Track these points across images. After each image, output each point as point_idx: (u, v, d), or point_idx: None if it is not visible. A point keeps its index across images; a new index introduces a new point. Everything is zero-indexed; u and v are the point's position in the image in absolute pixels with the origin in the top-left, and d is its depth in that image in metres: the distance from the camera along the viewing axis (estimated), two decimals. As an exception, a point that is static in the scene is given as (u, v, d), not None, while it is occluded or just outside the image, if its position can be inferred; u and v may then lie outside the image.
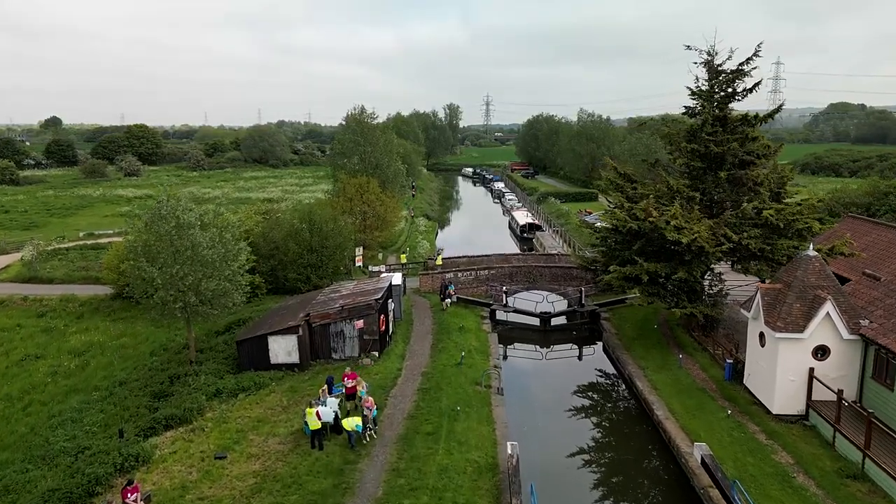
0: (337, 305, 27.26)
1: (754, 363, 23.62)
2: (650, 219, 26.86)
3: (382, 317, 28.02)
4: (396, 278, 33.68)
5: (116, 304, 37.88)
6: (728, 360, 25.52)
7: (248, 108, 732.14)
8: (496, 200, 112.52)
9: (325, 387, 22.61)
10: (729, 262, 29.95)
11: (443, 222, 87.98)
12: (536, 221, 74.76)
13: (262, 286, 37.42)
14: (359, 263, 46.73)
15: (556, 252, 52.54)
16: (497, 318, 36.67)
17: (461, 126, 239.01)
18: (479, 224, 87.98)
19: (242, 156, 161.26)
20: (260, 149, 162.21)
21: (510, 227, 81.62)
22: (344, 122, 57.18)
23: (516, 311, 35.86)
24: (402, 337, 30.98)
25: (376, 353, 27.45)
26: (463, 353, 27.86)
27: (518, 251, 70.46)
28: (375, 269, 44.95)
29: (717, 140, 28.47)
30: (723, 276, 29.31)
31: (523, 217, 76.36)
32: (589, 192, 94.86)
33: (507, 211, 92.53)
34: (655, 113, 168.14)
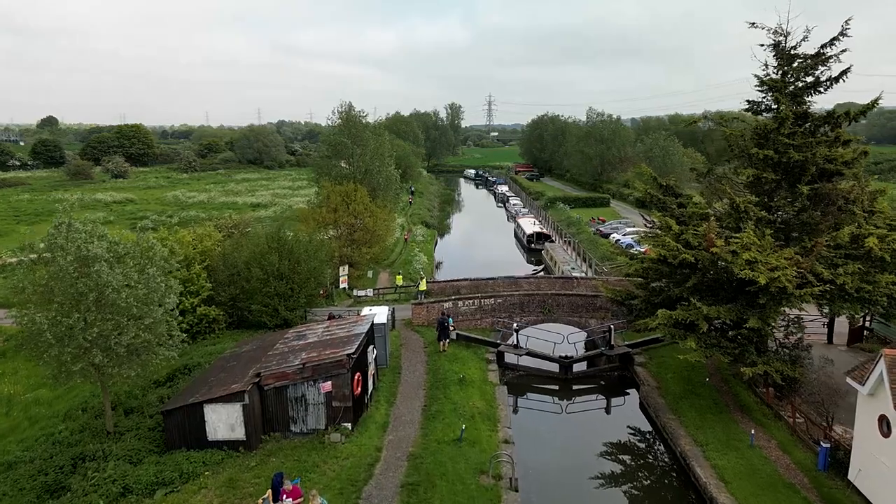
0: (297, 362, 20.64)
1: (870, 456, 16.96)
2: (712, 249, 20.21)
3: (358, 375, 21.41)
4: (381, 315, 27.06)
5: (46, 339, 31.27)
6: (823, 444, 18.85)
7: (250, 107, 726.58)
8: (500, 205, 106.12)
9: (269, 493, 16.06)
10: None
11: (443, 230, 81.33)
12: (545, 230, 68.07)
13: (220, 319, 30.83)
14: (343, 285, 40.19)
15: (573, 273, 45.85)
16: (506, 359, 29.99)
17: (463, 126, 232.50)
18: (481, 232, 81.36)
19: (236, 156, 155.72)
20: (254, 149, 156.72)
21: (516, 235, 75.07)
22: (330, 122, 50.54)
23: (530, 353, 29.16)
24: (385, 394, 24.35)
25: (349, 425, 20.83)
26: (464, 427, 21.20)
27: (525, 262, 64.07)
28: (361, 293, 38.41)
29: (797, 144, 21.82)
30: (802, 322, 22.59)
31: (530, 225, 69.73)
32: (600, 196, 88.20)
33: (512, 217, 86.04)
34: (661, 113, 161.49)
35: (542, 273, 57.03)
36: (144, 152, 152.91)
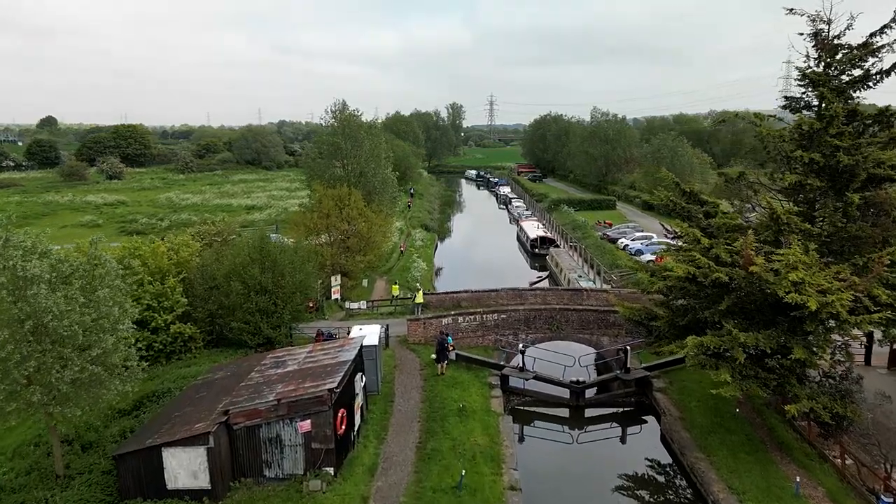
0: (272, 397, 17.92)
1: (949, 520, 14.21)
2: (751, 268, 17.47)
3: (342, 411, 18.67)
4: (372, 336, 24.35)
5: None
6: (884, 497, 16.10)
7: (251, 108, 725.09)
8: (502, 206, 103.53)
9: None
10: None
11: (443, 233, 78.59)
12: (549, 235, 65.25)
13: (197, 337, 28.09)
14: (335, 296, 37.48)
15: (580, 281, 43.14)
16: (511, 382, 27.20)
17: (464, 126, 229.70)
18: (483, 235, 78.59)
19: (234, 157, 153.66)
20: (253, 150, 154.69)
21: (519, 239, 72.36)
22: (323, 121, 47.72)
23: (538, 377, 26.35)
24: (375, 428, 21.60)
25: (331, 470, 18.11)
26: (464, 472, 18.46)
27: (528, 268, 61.33)
28: (354, 305, 35.68)
29: (846, 146, 19.06)
30: (849, 348, 19.79)
31: (534, 229, 66.94)
32: (606, 199, 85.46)
33: (515, 220, 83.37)
34: (660, 113, 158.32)
35: (546, 280, 54.42)
36: (141, 153, 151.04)
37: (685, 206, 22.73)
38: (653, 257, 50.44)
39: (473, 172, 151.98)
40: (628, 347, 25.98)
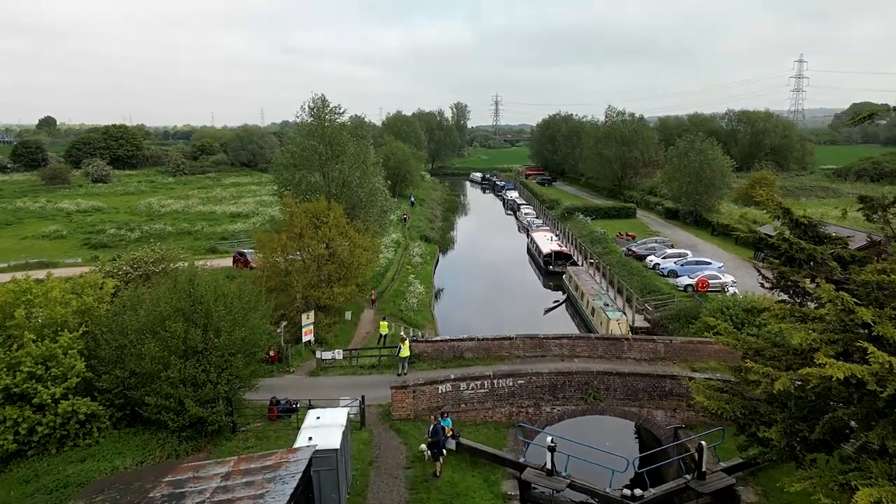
0: None
1: None
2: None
3: None
4: (332, 430, 16.53)
5: None
6: None
7: (255, 108, 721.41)
8: (509, 212, 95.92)
9: None
10: None
11: (445, 245, 70.88)
12: (565, 249, 57.46)
13: (101, 415, 20.34)
14: (307, 338, 29.86)
15: (606, 311, 35.29)
16: (534, 489, 19.35)
17: (469, 126, 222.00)
18: (490, 246, 70.76)
19: (229, 158, 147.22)
20: (248, 151, 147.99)
21: (529, 251, 64.68)
22: (299, 119, 39.78)
23: (573, 486, 18.43)
24: None
25: None
26: None
27: (542, 287, 53.66)
28: (328, 355, 27.93)
29: None
30: None
31: (547, 242, 59.14)
32: (625, 206, 77.31)
33: (525, 229, 75.66)
34: (664, 113, 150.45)
35: (563, 304, 46.77)
36: (133, 154, 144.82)
37: (804, 246, 14.88)
38: (692, 281, 42.63)
39: (479, 175, 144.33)
40: (703, 444, 18.00)
